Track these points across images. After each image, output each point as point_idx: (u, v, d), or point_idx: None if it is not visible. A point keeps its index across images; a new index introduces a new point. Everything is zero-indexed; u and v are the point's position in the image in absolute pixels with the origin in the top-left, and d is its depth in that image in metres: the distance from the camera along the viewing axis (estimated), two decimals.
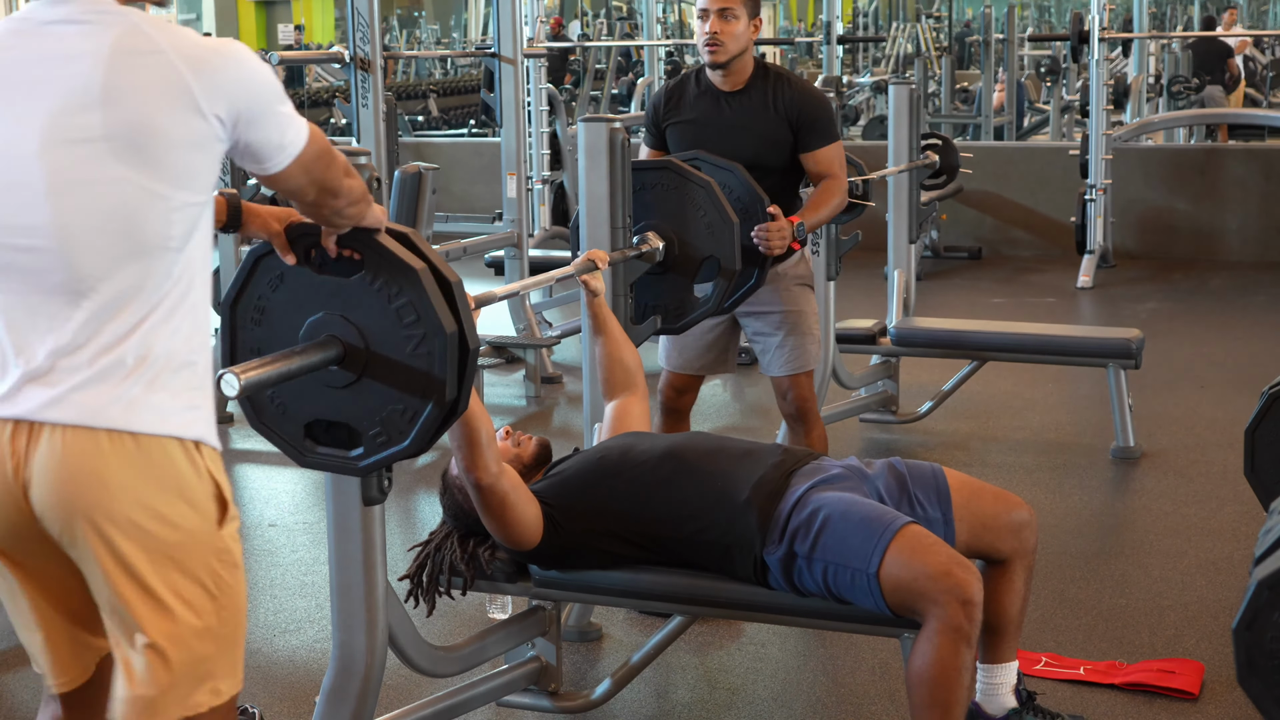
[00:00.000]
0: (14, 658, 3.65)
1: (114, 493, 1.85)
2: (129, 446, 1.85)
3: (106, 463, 1.84)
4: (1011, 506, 2.87)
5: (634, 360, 3.29)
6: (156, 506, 1.88)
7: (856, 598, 2.65)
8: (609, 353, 3.27)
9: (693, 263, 3.57)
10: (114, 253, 1.82)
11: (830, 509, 2.69)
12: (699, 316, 3.68)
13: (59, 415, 1.83)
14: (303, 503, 4.89)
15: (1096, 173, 8.68)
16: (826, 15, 10.75)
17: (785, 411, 4.17)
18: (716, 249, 3.55)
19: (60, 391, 1.83)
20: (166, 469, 1.88)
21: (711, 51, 3.92)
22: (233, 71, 1.85)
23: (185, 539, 1.91)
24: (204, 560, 1.94)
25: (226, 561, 1.98)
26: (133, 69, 1.80)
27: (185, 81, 1.81)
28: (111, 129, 1.79)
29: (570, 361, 6.74)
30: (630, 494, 2.84)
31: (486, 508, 2.75)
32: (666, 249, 3.54)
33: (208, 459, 1.94)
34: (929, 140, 6.24)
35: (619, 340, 3.28)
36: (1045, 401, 5.96)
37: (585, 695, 3.18)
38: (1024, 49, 15.32)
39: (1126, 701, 3.26)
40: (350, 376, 2.25)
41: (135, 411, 1.85)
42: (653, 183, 3.57)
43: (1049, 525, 4.34)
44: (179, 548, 1.91)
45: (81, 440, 1.83)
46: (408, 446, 2.29)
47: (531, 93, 8.76)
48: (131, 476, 1.85)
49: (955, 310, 7.69)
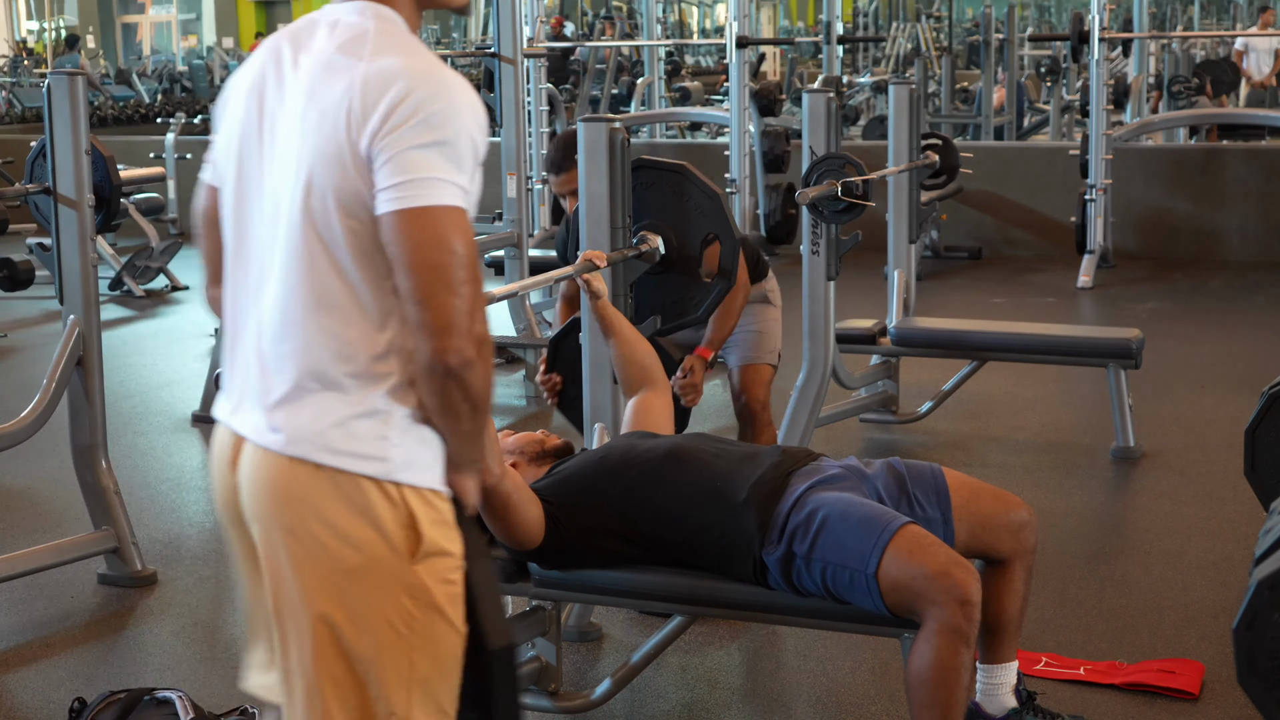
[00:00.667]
0: (14, 658, 3.65)
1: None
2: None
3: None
4: (1011, 507, 2.87)
5: (649, 355, 3.28)
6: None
7: (855, 598, 2.65)
8: (622, 353, 3.26)
9: (694, 250, 3.56)
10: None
11: (829, 509, 2.69)
12: (704, 314, 3.66)
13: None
14: None
15: (1096, 173, 8.68)
16: (826, 15, 10.75)
17: (737, 409, 4.29)
18: (712, 225, 3.53)
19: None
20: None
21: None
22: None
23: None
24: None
25: (420, 600, 1.83)
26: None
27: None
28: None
29: None
30: (631, 494, 2.84)
31: (489, 508, 2.75)
32: (665, 245, 3.54)
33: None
34: (929, 140, 6.24)
35: (630, 339, 3.27)
36: (1045, 401, 5.96)
37: (585, 695, 3.18)
38: (1024, 49, 15.32)
39: (1126, 701, 3.26)
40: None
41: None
42: (633, 184, 3.56)
43: (1049, 525, 4.33)
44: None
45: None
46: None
47: (531, 93, 8.76)
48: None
49: (955, 310, 7.68)
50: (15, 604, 3.97)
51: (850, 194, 4.55)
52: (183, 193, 10.71)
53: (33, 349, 7.32)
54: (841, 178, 4.58)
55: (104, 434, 4.08)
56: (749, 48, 9.16)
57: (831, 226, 4.85)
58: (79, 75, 3.98)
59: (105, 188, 4.10)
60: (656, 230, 3.53)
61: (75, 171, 3.92)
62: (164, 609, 3.93)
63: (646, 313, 3.58)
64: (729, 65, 9.09)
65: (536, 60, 8.79)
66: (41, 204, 4.08)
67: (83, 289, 3.98)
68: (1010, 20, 13.60)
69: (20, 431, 3.97)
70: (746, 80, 9.11)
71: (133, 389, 6.44)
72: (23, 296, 8.57)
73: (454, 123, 1.74)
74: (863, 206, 4.61)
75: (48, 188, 3.97)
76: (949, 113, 13.73)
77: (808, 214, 4.79)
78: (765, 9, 27.57)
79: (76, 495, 4.18)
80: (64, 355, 3.97)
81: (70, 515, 4.50)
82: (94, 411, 4.04)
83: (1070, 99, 12.74)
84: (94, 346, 4.02)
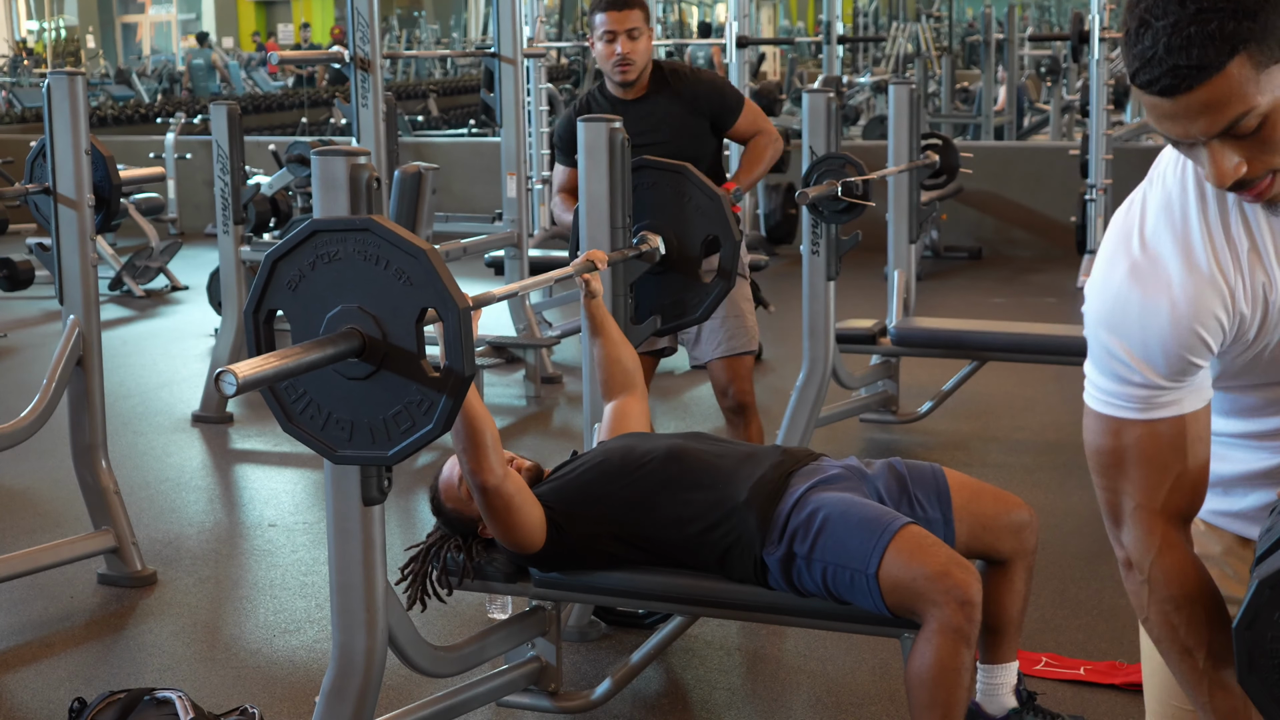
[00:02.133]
0: (14, 658, 3.66)
1: None
2: None
3: None
4: (1011, 507, 2.87)
5: (632, 361, 3.29)
6: None
7: (856, 598, 2.65)
8: (607, 353, 3.27)
9: (693, 250, 3.56)
10: None
11: (829, 510, 2.69)
12: (703, 314, 3.65)
13: None
14: (303, 503, 4.89)
15: (1097, 173, 8.68)
16: (826, 15, 10.76)
17: (725, 405, 4.24)
18: (713, 226, 3.53)
19: None
20: None
21: (623, 71, 4.18)
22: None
23: None
24: None
25: None
26: None
27: None
28: None
29: (570, 361, 6.74)
30: (631, 496, 2.84)
31: (491, 510, 2.75)
32: (666, 245, 3.54)
33: None
34: (929, 140, 6.24)
35: (616, 341, 3.28)
36: (1045, 401, 5.96)
37: (585, 695, 3.18)
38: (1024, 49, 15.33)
39: (1126, 701, 3.26)
40: (369, 368, 2.24)
41: None
42: (633, 183, 3.56)
43: (1049, 525, 4.34)
44: None
45: None
46: (433, 429, 2.28)
47: (531, 93, 8.77)
48: None
49: (955, 310, 7.69)
50: (15, 604, 3.97)
51: (850, 194, 4.55)
52: (183, 193, 10.73)
53: (33, 349, 7.32)
54: (841, 178, 4.58)
55: (104, 434, 4.08)
56: (749, 48, 9.16)
57: (831, 226, 4.85)
58: (79, 75, 3.98)
59: (105, 188, 4.10)
60: (657, 230, 3.54)
61: (75, 171, 3.92)
62: (164, 609, 3.94)
63: (646, 312, 3.58)
64: (729, 65, 9.10)
65: (536, 60, 8.79)
66: (41, 204, 4.08)
67: (83, 289, 3.98)
68: (1010, 20, 13.61)
69: (20, 431, 3.97)
70: (746, 80, 9.11)
71: (133, 389, 6.44)
72: (23, 296, 8.58)
73: None
74: (863, 206, 4.61)
75: (48, 188, 3.97)
76: (949, 113, 13.74)
77: (808, 214, 4.79)
78: (765, 9, 27.58)
79: (76, 495, 4.18)
80: (64, 355, 3.97)
81: (70, 515, 4.50)
82: (94, 411, 4.04)
83: (1070, 99, 12.75)
84: (94, 346, 4.02)
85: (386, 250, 2.19)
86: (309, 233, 2.25)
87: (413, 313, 2.19)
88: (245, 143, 6.56)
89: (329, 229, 2.23)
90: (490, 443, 2.69)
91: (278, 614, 3.89)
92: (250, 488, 5.20)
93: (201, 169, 10.77)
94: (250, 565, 4.32)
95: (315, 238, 2.24)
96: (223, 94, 18.91)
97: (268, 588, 4.09)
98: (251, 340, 2.34)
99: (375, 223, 2.20)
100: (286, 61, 18.79)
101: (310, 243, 2.25)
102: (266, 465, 5.43)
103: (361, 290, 2.22)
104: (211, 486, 5.16)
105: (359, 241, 2.22)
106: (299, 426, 2.35)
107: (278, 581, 4.14)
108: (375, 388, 2.26)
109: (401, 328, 2.20)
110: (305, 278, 2.26)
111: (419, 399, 2.24)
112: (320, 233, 2.24)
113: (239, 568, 4.31)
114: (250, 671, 3.54)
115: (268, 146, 10.04)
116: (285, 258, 2.28)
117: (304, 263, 2.25)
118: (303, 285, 2.27)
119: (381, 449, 2.28)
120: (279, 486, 5.13)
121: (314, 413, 2.33)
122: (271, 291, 2.29)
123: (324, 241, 2.24)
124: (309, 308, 2.26)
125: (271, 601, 3.99)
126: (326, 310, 2.24)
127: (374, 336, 2.21)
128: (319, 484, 5.01)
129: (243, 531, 4.64)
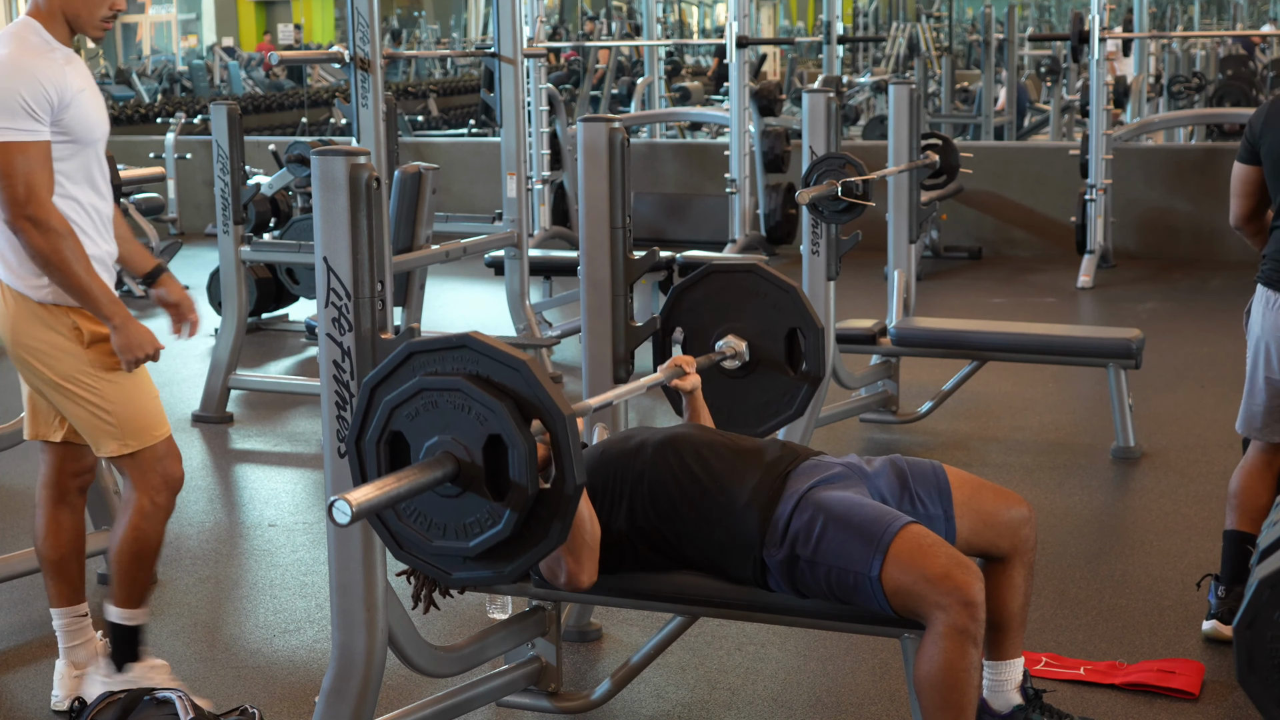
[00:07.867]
0: (14, 658, 3.66)
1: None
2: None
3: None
4: (1011, 503, 2.87)
5: None
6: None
7: (861, 600, 2.65)
8: None
9: (777, 347, 3.49)
10: None
11: (830, 512, 2.69)
12: (796, 411, 3.55)
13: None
14: (303, 503, 4.89)
15: (1096, 173, 8.68)
16: (826, 15, 10.76)
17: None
18: (792, 319, 3.47)
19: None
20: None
21: None
22: None
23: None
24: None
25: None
26: None
27: None
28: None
29: (570, 361, 6.74)
30: (631, 498, 2.83)
31: (570, 589, 2.82)
32: (750, 348, 3.49)
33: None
34: (929, 140, 6.24)
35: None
36: (1045, 401, 5.96)
37: (585, 695, 3.18)
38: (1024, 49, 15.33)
39: (1126, 701, 3.26)
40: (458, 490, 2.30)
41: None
42: (706, 291, 3.54)
43: (1049, 525, 4.34)
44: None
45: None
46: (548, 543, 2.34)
47: (531, 93, 8.77)
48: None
49: (955, 310, 7.69)
50: (15, 604, 3.98)
51: (850, 194, 4.55)
52: (183, 192, 10.72)
53: None
54: (841, 178, 4.58)
55: None
56: (749, 48, 9.16)
57: (831, 226, 4.85)
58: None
59: None
60: (740, 334, 3.50)
61: None
62: (164, 609, 3.94)
63: (741, 420, 3.52)
64: (729, 65, 9.10)
65: (536, 60, 8.79)
66: None
67: None
68: (1010, 20, 13.60)
69: (20, 431, 3.96)
70: (746, 80, 9.11)
71: None
72: None
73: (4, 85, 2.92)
74: (863, 206, 4.62)
75: None
76: (949, 113, 13.74)
77: (808, 214, 4.79)
78: (765, 9, 27.57)
79: None
80: None
81: None
82: None
83: (1070, 99, 12.74)
84: None
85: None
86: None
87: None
88: (245, 142, 6.55)
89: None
90: (592, 544, 2.75)
91: (278, 614, 3.89)
92: (250, 488, 5.20)
93: (201, 169, 10.77)
94: (250, 565, 4.32)
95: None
96: (226, 94, 18.88)
97: (268, 588, 4.09)
98: (356, 469, 2.38)
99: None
100: (286, 62, 18.77)
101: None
102: (266, 465, 5.43)
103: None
104: (211, 486, 5.16)
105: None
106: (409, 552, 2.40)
107: (278, 581, 4.14)
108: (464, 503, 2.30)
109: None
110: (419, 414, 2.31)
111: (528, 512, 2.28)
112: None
113: (239, 568, 4.31)
114: (250, 671, 3.54)
115: (268, 146, 10.05)
116: (425, 352, 2.32)
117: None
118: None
119: (501, 565, 2.34)
120: (279, 486, 5.13)
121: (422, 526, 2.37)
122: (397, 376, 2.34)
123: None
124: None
125: (271, 601, 3.99)
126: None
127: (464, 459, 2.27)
128: (319, 484, 5.01)
129: (243, 531, 4.64)
